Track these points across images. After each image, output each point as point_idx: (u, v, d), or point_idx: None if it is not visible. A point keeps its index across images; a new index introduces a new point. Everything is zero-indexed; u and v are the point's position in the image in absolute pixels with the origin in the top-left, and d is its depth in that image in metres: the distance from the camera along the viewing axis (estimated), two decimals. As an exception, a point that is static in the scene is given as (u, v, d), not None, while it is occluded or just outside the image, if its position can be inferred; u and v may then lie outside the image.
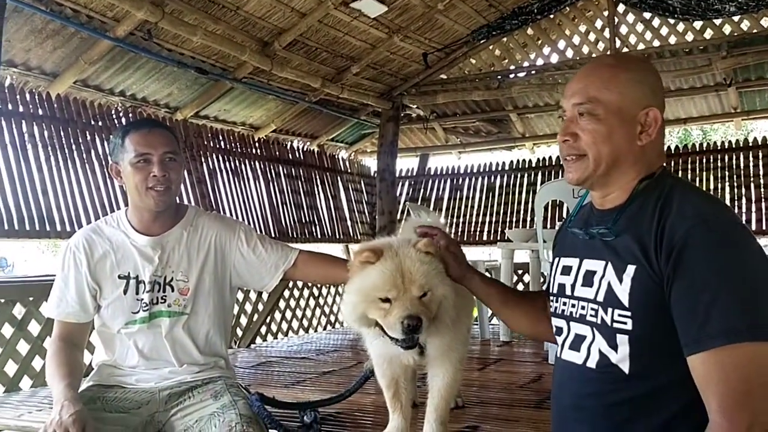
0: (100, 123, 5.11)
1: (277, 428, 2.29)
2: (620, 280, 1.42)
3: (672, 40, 6.55)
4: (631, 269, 1.41)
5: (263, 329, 5.49)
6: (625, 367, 1.41)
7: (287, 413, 2.65)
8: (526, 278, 6.08)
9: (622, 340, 1.41)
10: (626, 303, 1.41)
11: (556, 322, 1.63)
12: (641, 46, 6.73)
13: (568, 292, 1.58)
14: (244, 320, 5.24)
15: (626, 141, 1.49)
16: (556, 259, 1.69)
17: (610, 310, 1.43)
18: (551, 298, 1.68)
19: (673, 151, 7.64)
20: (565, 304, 1.58)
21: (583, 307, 1.51)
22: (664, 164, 1.57)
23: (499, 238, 7.28)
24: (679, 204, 1.40)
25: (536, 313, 1.87)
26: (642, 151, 1.51)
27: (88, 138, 4.97)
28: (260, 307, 5.33)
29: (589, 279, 1.51)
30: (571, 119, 1.55)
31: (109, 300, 2.40)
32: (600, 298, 1.46)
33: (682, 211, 1.38)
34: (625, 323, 1.41)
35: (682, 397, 1.37)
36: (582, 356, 1.50)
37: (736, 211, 6.93)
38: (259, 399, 2.31)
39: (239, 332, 5.16)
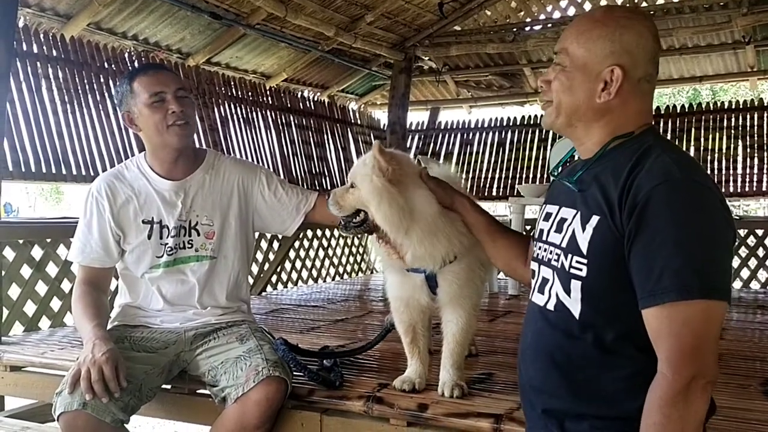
0: (113, 67, 5.05)
1: (302, 371, 2.33)
2: (583, 229, 1.47)
3: (693, -5, 6.43)
4: (594, 219, 1.45)
5: (273, 278, 5.55)
6: (576, 312, 1.48)
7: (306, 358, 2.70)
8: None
9: (576, 285, 1.47)
10: (584, 251, 1.46)
11: (533, 265, 1.69)
12: (660, 0, 6.61)
13: (544, 237, 1.63)
14: (255, 269, 5.29)
15: (586, 96, 1.52)
16: (544, 206, 1.73)
17: (570, 256, 1.49)
18: (533, 243, 1.74)
19: (687, 110, 7.55)
20: (539, 248, 1.64)
21: (551, 252, 1.57)
22: (652, 123, 1.57)
23: (509, 193, 7.28)
24: (651, 163, 1.41)
25: (514, 251, 1.95)
26: (606, 108, 1.52)
27: (102, 81, 4.92)
28: (271, 256, 5.38)
29: (560, 226, 1.56)
30: (553, 66, 1.59)
31: (133, 245, 2.42)
32: (564, 244, 1.52)
33: (651, 169, 1.39)
34: (580, 270, 1.46)
35: (626, 350, 1.43)
36: (545, 298, 1.57)
37: (747, 172, 6.92)
38: (284, 343, 2.36)
39: (250, 280, 5.22)
